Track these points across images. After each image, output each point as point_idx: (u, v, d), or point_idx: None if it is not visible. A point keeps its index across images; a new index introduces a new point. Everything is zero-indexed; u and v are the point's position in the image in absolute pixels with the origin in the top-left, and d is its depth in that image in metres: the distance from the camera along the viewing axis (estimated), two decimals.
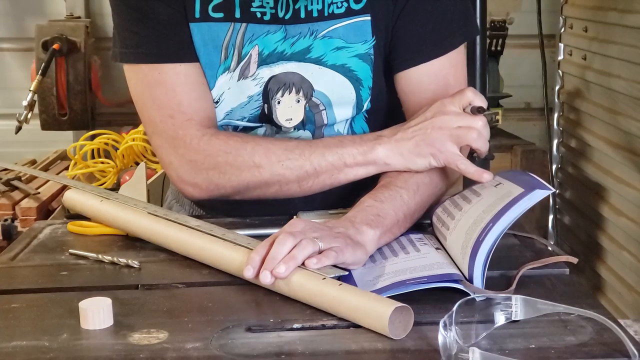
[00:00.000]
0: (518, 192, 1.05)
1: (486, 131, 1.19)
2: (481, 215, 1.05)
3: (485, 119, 1.19)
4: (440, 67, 1.31)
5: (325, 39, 1.29)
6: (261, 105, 1.33)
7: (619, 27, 2.28)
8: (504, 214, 1.03)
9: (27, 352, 0.88)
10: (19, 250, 1.22)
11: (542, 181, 1.07)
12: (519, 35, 2.91)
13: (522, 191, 1.05)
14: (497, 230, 1.02)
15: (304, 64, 1.31)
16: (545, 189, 1.04)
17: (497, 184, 1.12)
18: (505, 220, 1.02)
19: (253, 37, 1.29)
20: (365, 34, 1.30)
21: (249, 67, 1.31)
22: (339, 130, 1.36)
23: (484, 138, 1.19)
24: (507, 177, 1.13)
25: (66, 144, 2.81)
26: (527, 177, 1.11)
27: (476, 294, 0.97)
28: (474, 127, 1.18)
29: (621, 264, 2.28)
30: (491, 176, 1.15)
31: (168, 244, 1.18)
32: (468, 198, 1.12)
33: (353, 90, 1.32)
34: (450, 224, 1.11)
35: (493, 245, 1.01)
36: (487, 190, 1.12)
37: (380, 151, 1.22)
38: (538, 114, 3.06)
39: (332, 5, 1.28)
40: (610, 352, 0.85)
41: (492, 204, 1.06)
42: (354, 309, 0.93)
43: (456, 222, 1.09)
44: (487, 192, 1.11)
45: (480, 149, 1.19)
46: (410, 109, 1.32)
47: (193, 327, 0.93)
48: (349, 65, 1.31)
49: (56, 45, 2.62)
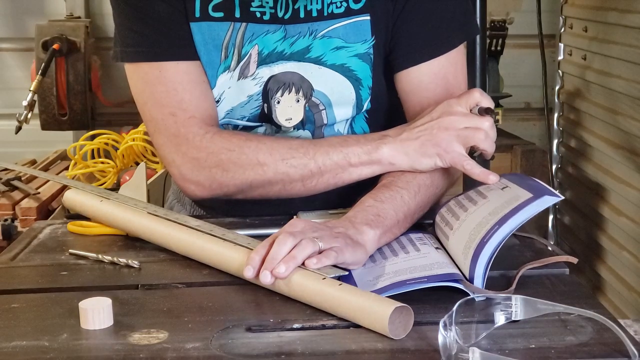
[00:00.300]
0: (526, 197, 1.05)
1: (493, 132, 1.19)
2: (487, 218, 1.05)
3: (492, 120, 1.19)
4: (440, 67, 1.31)
5: (325, 39, 1.29)
6: (261, 105, 1.33)
7: (619, 27, 2.28)
8: (511, 217, 1.02)
9: (27, 352, 0.88)
10: (19, 250, 1.22)
11: (549, 187, 1.07)
12: (519, 35, 2.91)
13: (530, 196, 1.04)
14: (503, 233, 1.02)
15: (303, 64, 1.31)
16: (554, 195, 1.04)
17: (504, 186, 1.12)
18: (512, 223, 1.02)
19: (253, 36, 1.29)
20: (364, 34, 1.30)
21: (249, 66, 1.31)
22: (339, 130, 1.36)
23: (490, 139, 1.19)
24: (514, 180, 1.12)
25: (66, 144, 2.81)
26: (533, 182, 1.10)
27: (476, 294, 0.97)
28: (481, 128, 1.18)
29: (621, 264, 2.28)
30: (497, 178, 1.15)
31: (168, 244, 1.18)
32: (474, 199, 1.12)
33: (353, 90, 1.32)
34: (455, 224, 1.10)
35: (497, 247, 1.01)
36: (493, 192, 1.11)
37: (385, 151, 1.22)
38: (538, 114, 3.07)
39: (332, 5, 1.28)
40: (610, 352, 0.85)
41: (499, 207, 1.06)
42: (354, 309, 0.92)
43: (460, 223, 1.09)
44: (494, 194, 1.11)
45: (487, 150, 1.19)
46: (410, 109, 1.32)
47: (193, 327, 0.93)
48: (348, 65, 1.31)
49: (56, 45, 2.62)
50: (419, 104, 1.30)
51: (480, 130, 1.18)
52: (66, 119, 2.71)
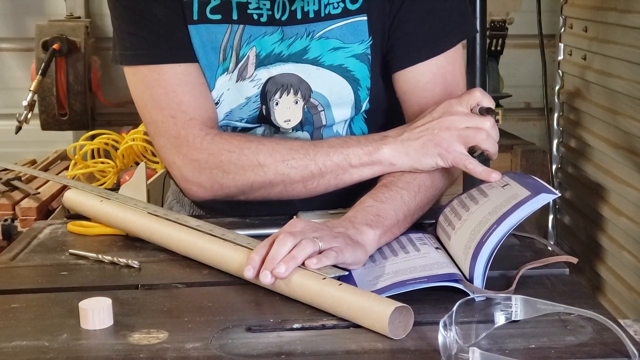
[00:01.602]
0: (524, 195, 1.05)
1: (495, 132, 1.19)
2: (487, 217, 1.05)
3: (493, 119, 1.18)
4: (438, 66, 1.31)
5: (322, 40, 1.29)
6: (259, 107, 1.33)
7: (619, 27, 2.28)
8: (509, 216, 1.03)
9: (27, 352, 0.88)
10: (19, 250, 1.22)
11: (547, 185, 1.07)
12: (519, 35, 2.91)
13: (528, 194, 1.05)
14: (501, 232, 1.02)
15: (301, 65, 1.30)
16: (551, 192, 1.04)
17: (505, 184, 1.12)
18: (510, 222, 1.02)
19: (250, 38, 1.29)
20: (362, 34, 1.30)
21: (247, 68, 1.31)
22: (337, 131, 1.36)
23: (492, 139, 1.19)
24: (515, 178, 1.12)
25: (66, 144, 2.81)
26: (532, 180, 1.10)
27: (476, 293, 0.97)
28: (483, 128, 1.18)
29: (621, 264, 2.28)
30: (499, 176, 1.15)
31: (168, 244, 1.18)
32: (475, 198, 1.12)
33: (351, 91, 1.32)
34: (457, 223, 1.11)
35: (496, 246, 1.01)
36: (494, 190, 1.11)
37: (386, 151, 1.22)
38: (538, 114, 3.07)
39: (329, 5, 1.28)
40: (610, 352, 0.85)
41: (499, 205, 1.06)
42: (354, 309, 0.92)
43: (462, 222, 1.09)
44: (495, 192, 1.11)
45: (489, 149, 1.19)
46: (409, 109, 1.32)
47: (193, 327, 0.93)
48: (346, 65, 1.31)
49: (56, 45, 2.62)
50: (418, 104, 1.30)
51: (482, 130, 1.18)
52: (66, 119, 2.71)
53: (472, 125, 1.18)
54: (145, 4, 1.27)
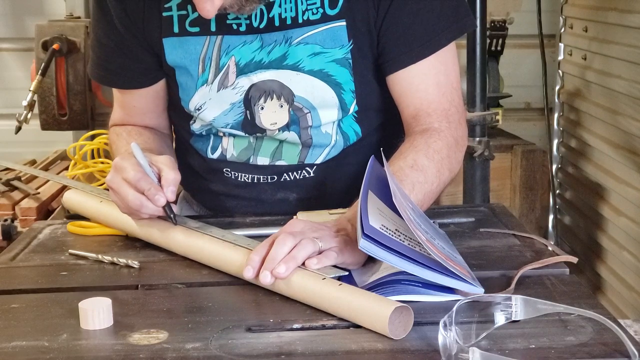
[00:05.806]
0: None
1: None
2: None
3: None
4: (430, 67, 1.30)
5: (301, 45, 1.29)
6: (244, 112, 1.33)
7: (619, 27, 2.28)
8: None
9: (27, 352, 0.88)
10: (19, 250, 1.22)
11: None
12: (519, 35, 2.91)
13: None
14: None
15: (281, 71, 1.30)
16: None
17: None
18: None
19: (229, 48, 1.30)
20: (341, 39, 1.29)
21: (228, 77, 1.32)
22: (326, 132, 1.35)
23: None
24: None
25: (66, 144, 2.81)
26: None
27: (475, 296, 0.97)
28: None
29: (621, 264, 2.28)
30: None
31: (168, 244, 1.18)
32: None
33: (334, 94, 1.32)
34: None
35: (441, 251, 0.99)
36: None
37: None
38: (538, 114, 3.06)
39: (307, 11, 1.28)
40: (610, 352, 0.85)
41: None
42: (354, 309, 0.93)
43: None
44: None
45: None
46: (405, 110, 1.32)
47: (193, 327, 0.93)
48: (326, 70, 1.30)
49: (56, 45, 2.62)
50: (412, 105, 1.30)
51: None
52: (66, 119, 2.71)
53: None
54: (103, 26, 1.36)
